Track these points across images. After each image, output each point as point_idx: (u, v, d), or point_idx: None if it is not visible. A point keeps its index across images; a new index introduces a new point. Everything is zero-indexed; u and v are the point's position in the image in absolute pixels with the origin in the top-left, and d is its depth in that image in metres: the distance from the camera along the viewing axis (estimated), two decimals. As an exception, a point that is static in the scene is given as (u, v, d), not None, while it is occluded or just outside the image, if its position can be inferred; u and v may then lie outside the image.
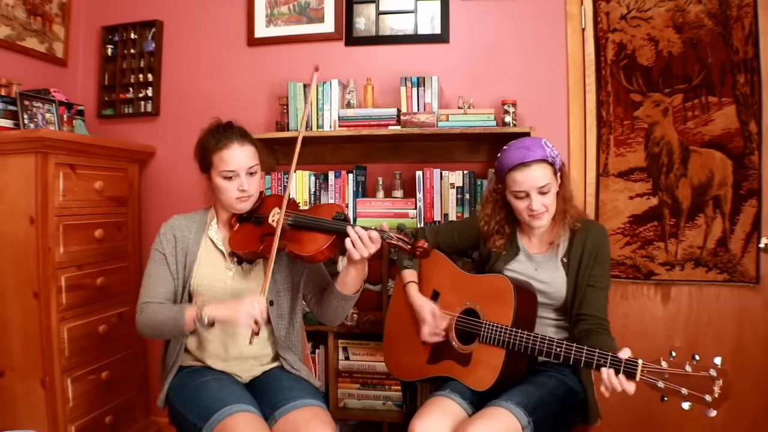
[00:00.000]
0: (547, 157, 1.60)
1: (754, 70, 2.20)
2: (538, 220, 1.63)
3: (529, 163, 1.59)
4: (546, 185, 1.59)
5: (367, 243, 1.50)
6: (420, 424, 1.47)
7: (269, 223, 1.64)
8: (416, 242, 1.49)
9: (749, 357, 2.23)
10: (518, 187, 1.61)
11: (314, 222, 1.58)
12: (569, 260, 1.67)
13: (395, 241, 1.51)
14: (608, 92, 2.36)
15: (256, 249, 1.59)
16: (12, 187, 2.09)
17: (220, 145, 1.61)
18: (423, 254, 1.49)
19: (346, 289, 1.61)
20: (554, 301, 1.67)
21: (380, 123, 2.33)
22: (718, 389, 1.20)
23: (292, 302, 1.73)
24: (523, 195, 1.61)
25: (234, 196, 1.61)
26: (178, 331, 1.52)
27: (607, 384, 1.33)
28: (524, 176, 1.59)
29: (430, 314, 1.70)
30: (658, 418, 2.31)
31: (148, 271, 1.65)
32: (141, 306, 1.59)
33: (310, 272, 1.76)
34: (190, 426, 1.47)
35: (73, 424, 2.17)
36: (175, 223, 1.70)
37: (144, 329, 1.58)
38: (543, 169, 1.59)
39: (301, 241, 1.57)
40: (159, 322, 1.54)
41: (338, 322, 1.74)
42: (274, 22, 2.62)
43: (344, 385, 2.40)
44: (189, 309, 1.50)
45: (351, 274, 1.59)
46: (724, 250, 2.27)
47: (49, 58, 2.61)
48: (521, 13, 2.43)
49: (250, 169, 1.63)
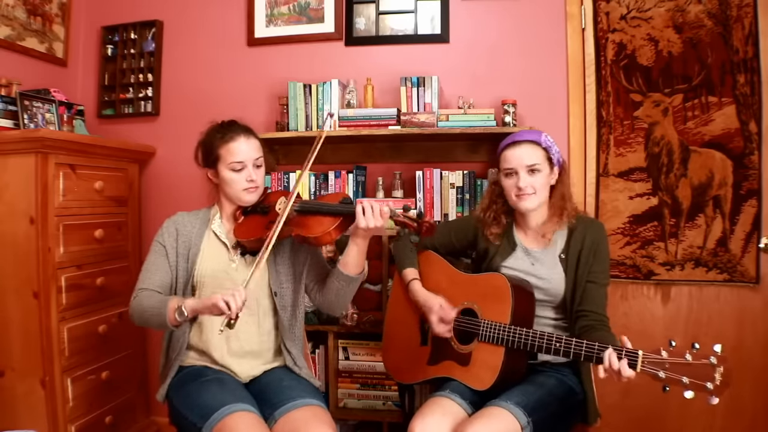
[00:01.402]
0: (540, 141, 1.66)
1: (754, 70, 2.20)
2: (525, 201, 1.65)
3: (519, 142, 1.67)
4: (534, 165, 1.64)
5: (376, 214, 1.52)
6: (420, 424, 1.47)
7: (276, 211, 1.66)
8: (422, 218, 1.51)
9: (749, 357, 2.23)
10: (507, 165, 1.67)
11: (321, 206, 1.61)
12: (567, 256, 1.67)
13: (401, 218, 1.52)
14: (608, 92, 2.36)
15: (262, 236, 1.59)
16: (12, 187, 2.09)
17: (226, 138, 1.65)
18: (429, 230, 1.50)
19: (348, 269, 1.63)
20: (552, 298, 1.67)
21: (380, 123, 2.33)
22: (719, 376, 1.20)
23: (294, 293, 1.74)
24: (511, 172, 1.66)
25: (242, 187, 1.65)
26: (161, 321, 1.51)
27: (607, 365, 1.32)
28: (513, 153, 1.66)
29: (437, 306, 1.68)
30: (658, 418, 2.31)
31: (147, 261, 1.68)
32: (136, 292, 1.62)
33: (312, 261, 1.77)
34: (189, 425, 1.47)
35: (73, 424, 2.17)
36: (179, 218, 1.73)
37: (134, 314, 1.60)
38: (533, 149, 1.65)
39: (308, 225, 1.58)
40: (144, 309, 1.55)
41: (339, 309, 1.76)
42: (274, 22, 2.62)
43: (344, 385, 2.40)
44: (172, 301, 1.51)
45: (353, 251, 1.61)
46: (724, 250, 2.27)
47: (49, 58, 2.61)
48: (521, 13, 2.43)
49: (256, 161, 1.67)
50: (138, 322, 1.61)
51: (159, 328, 1.61)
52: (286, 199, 1.64)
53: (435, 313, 1.68)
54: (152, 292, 1.60)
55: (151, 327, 1.64)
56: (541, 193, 1.66)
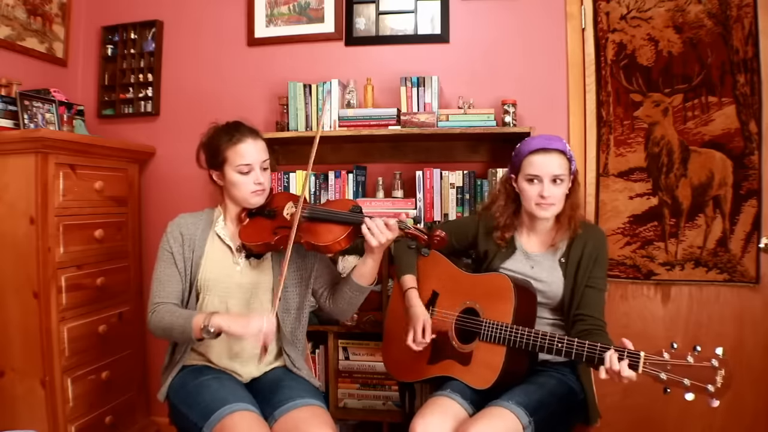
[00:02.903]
0: (567, 152, 1.65)
1: (754, 70, 2.20)
2: (545, 210, 1.64)
3: (550, 150, 1.62)
4: (560, 175, 1.62)
5: (383, 230, 1.52)
6: (421, 424, 1.47)
7: (283, 216, 1.65)
8: (433, 231, 1.50)
9: (749, 357, 2.23)
10: (534, 170, 1.62)
11: (331, 214, 1.59)
12: (567, 261, 1.67)
13: (412, 230, 1.52)
14: (608, 92, 2.36)
15: (269, 241, 1.58)
16: (12, 187, 2.08)
17: (234, 140, 1.63)
18: (440, 243, 1.50)
19: (363, 281, 1.63)
20: (550, 301, 1.68)
21: (380, 123, 2.32)
22: (720, 379, 1.20)
23: (300, 297, 1.73)
24: (536, 179, 1.63)
25: (250, 189, 1.64)
26: (186, 337, 1.52)
27: (608, 366, 1.33)
28: (543, 160, 1.62)
29: (420, 325, 1.67)
30: (658, 418, 2.31)
31: (158, 271, 1.64)
32: (153, 306, 1.59)
33: (321, 267, 1.76)
34: (190, 425, 1.47)
35: (73, 424, 2.17)
36: (181, 221, 1.71)
37: (156, 330, 1.58)
38: (561, 159, 1.63)
39: (317, 232, 1.57)
40: (168, 325, 1.53)
41: (349, 315, 1.78)
42: (274, 22, 2.62)
43: (344, 385, 2.40)
44: (197, 317, 1.49)
45: (368, 264, 1.61)
46: (724, 250, 2.27)
47: (49, 58, 2.61)
48: (521, 13, 2.43)
49: (263, 163, 1.66)
50: (160, 336, 1.60)
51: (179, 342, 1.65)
52: (294, 203, 1.63)
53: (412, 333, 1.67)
54: (170, 306, 1.59)
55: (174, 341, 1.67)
56: (559, 204, 1.65)
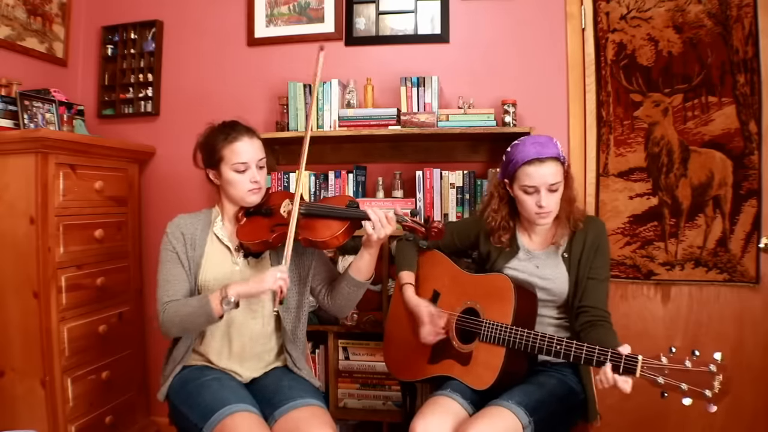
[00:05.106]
0: (560, 156, 1.63)
1: (754, 70, 2.20)
2: (544, 219, 1.64)
3: (544, 159, 1.60)
4: (556, 183, 1.61)
5: (384, 223, 1.53)
6: (421, 424, 1.47)
7: (280, 214, 1.65)
8: (431, 223, 1.50)
9: (749, 357, 2.23)
10: (530, 182, 1.61)
11: (328, 209, 1.60)
12: (570, 256, 1.67)
13: (410, 223, 1.52)
14: (608, 92, 2.36)
15: (267, 238, 1.59)
16: (12, 187, 2.08)
17: (230, 138, 1.64)
18: (438, 234, 1.50)
19: (360, 275, 1.64)
20: (556, 298, 1.68)
21: (380, 123, 2.33)
22: (718, 384, 1.20)
23: (299, 296, 1.73)
24: (533, 190, 1.62)
25: (246, 188, 1.64)
26: (207, 317, 1.50)
27: (602, 378, 1.34)
28: (538, 171, 1.60)
29: (427, 315, 1.69)
30: (658, 418, 2.31)
31: (163, 272, 1.63)
32: (162, 306, 1.58)
33: (318, 264, 1.77)
34: (190, 425, 1.47)
35: (73, 424, 2.17)
36: (181, 221, 1.70)
37: (171, 327, 1.56)
38: (556, 166, 1.61)
39: (315, 228, 1.57)
40: (186, 315, 1.52)
41: (348, 311, 1.79)
42: (274, 22, 2.62)
43: (344, 385, 2.40)
44: (212, 295, 1.49)
45: (365, 258, 1.62)
46: (724, 250, 2.27)
47: (49, 58, 2.61)
48: (521, 13, 2.43)
49: (259, 162, 1.67)
50: (176, 332, 1.59)
51: (201, 329, 1.63)
52: (290, 201, 1.63)
53: (425, 326, 1.69)
54: (181, 301, 1.57)
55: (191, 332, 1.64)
56: (556, 208, 1.65)
